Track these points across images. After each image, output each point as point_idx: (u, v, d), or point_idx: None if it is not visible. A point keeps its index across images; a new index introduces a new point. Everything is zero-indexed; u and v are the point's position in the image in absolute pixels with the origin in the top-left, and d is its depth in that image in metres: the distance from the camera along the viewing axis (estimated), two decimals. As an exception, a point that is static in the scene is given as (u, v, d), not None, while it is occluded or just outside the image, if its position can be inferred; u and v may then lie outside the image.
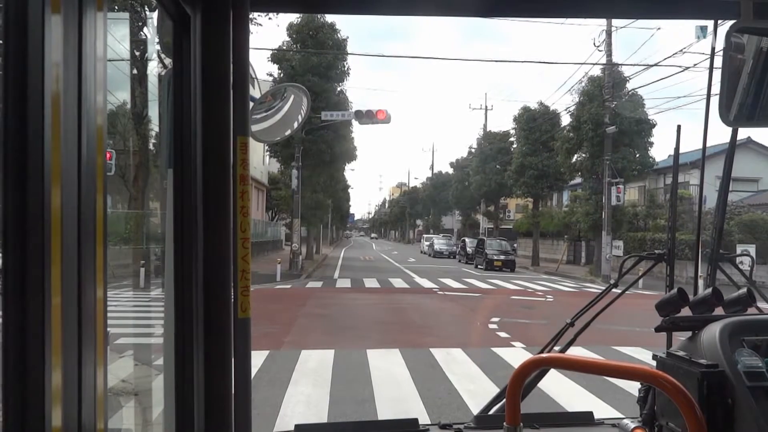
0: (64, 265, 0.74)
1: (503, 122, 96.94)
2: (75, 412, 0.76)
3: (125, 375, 5.78)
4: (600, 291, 2.32)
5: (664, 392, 1.24)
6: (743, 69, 1.74)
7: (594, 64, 28.17)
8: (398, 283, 23.41)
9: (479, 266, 33.79)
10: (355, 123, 25.93)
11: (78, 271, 0.77)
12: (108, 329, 0.87)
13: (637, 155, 27.68)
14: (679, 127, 2.25)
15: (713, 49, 1.87)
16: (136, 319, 10.25)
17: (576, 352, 1.91)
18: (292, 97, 2.12)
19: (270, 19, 22.28)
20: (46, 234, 0.70)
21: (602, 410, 6.28)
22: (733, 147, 2.19)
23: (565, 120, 31.88)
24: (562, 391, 7.10)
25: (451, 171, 61.93)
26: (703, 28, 18.65)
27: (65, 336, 0.74)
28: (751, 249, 20.08)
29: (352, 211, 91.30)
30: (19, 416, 0.68)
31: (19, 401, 0.68)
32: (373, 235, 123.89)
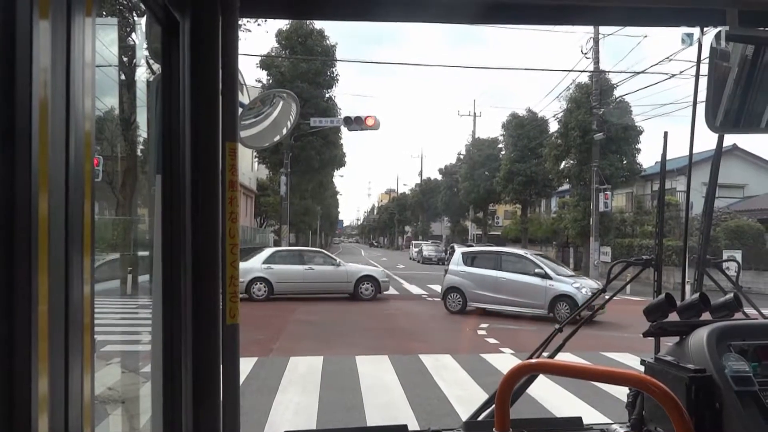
0: (51, 272, 0.73)
1: (492, 129, 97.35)
2: (62, 419, 0.75)
3: (112, 382, 5.73)
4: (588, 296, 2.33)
5: (652, 397, 1.24)
6: (729, 76, 1.76)
7: (581, 71, 28.37)
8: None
9: (468, 272, 33.73)
10: (343, 129, 25.91)
11: (65, 278, 0.77)
12: (95, 336, 0.86)
13: (625, 162, 27.90)
14: (666, 133, 2.27)
15: (699, 56, 1.88)
16: (123, 326, 10.17)
17: (565, 357, 1.92)
18: (281, 103, 2.12)
19: (259, 25, 22.30)
20: (33, 241, 0.70)
21: (591, 415, 6.29)
22: (719, 153, 2.21)
23: (553, 127, 32.11)
24: (551, 396, 7.12)
25: (439, 177, 62.06)
26: (690, 35, 18.81)
27: (52, 343, 0.73)
28: (738, 255, 20.23)
29: (341, 217, 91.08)
30: (5, 424, 0.68)
31: (5, 409, 0.68)
32: (374, 243, 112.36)
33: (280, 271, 18.69)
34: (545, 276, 15.15)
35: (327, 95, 29.43)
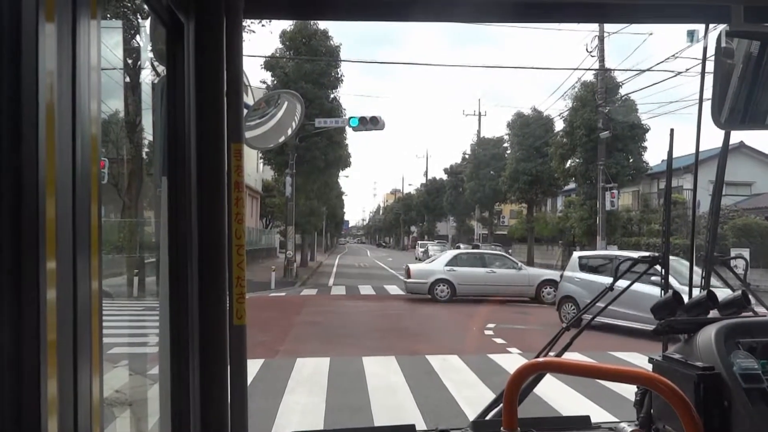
0: (59, 275, 0.73)
1: (497, 128, 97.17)
2: (71, 422, 0.76)
3: (120, 385, 5.75)
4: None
5: (660, 395, 1.24)
6: (734, 72, 1.75)
7: (587, 69, 28.30)
8: (393, 290, 23.32)
9: (474, 272, 33.67)
10: (348, 129, 25.84)
11: (73, 281, 0.77)
12: (103, 339, 0.86)
13: (631, 160, 27.78)
14: (672, 131, 2.26)
15: (705, 53, 1.88)
16: (130, 328, 10.21)
17: (572, 357, 1.91)
18: (286, 103, 2.12)
19: (263, 26, 22.31)
20: (40, 243, 0.70)
21: (599, 414, 6.28)
22: (725, 151, 2.20)
23: (559, 125, 32.03)
24: (558, 395, 7.10)
25: (445, 177, 62.05)
26: (694, 32, 18.74)
27: (61, 345, 0.73)
28: (745, 252, 20.15)
29: (346, 218, 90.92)
30: (14, 426, 0.68)
31: (14, 411, 0.68)
32: (382, 243, 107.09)
33: (463, 273, 19.17)
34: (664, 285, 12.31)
35: (331, 96, 29.44)
